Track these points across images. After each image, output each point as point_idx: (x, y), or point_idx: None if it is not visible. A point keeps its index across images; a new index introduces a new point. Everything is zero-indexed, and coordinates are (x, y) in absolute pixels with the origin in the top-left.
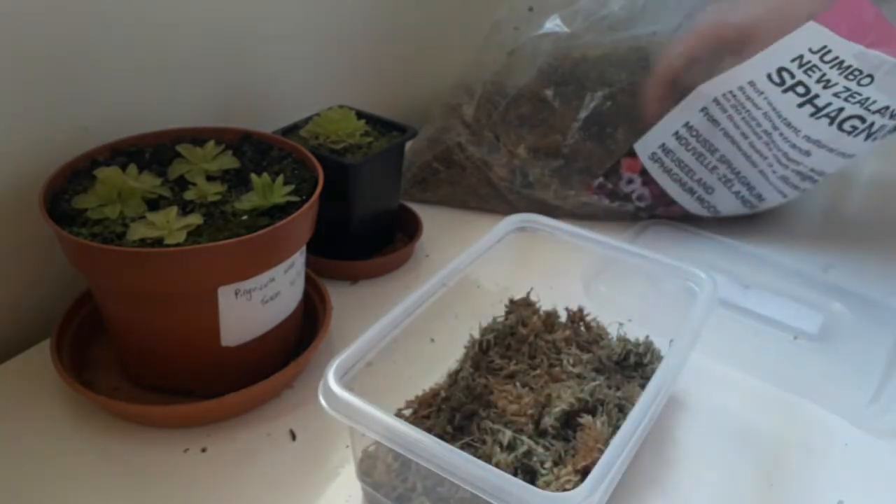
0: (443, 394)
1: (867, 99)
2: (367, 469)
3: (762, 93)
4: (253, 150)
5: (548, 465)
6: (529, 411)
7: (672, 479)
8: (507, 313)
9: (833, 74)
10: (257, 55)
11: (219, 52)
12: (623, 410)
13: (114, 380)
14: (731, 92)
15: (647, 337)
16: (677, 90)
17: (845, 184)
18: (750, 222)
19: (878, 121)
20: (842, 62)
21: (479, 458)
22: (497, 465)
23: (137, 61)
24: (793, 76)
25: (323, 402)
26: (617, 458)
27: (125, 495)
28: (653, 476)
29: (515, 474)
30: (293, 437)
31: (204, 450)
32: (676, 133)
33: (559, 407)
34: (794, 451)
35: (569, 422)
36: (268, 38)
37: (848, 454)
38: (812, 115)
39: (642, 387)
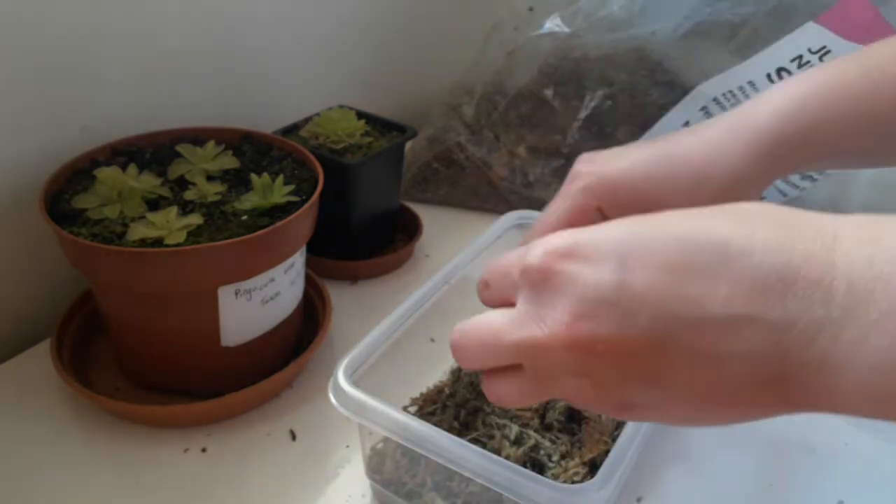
0: (447, 390)
1: None
2: (375, 466)
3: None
4: (253, 150)
5: (555, 458)
6: (534, 406)
7: (672, 478)
8: None
9: None
10: (257, 55)
11: (219, 52)
12: None
13: (114, 379)
14: (730, 91)
15: None
16: None
17: (845, 184)
18: None
19: None
20: None
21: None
22: (507, 459)
23: (137, 61)
24: (792, 76)
25: (333, 399)
26: (626, 452)
27: (125, 495)
28: (653, 475)
29: (524, 467)
30: (293, 437)
31: (204, 450)
32: None
33: (563, 401)
34: (794, 451)
35: (573, 416)
36: (268, 39)
37: (848, 454)
38: None
39: None
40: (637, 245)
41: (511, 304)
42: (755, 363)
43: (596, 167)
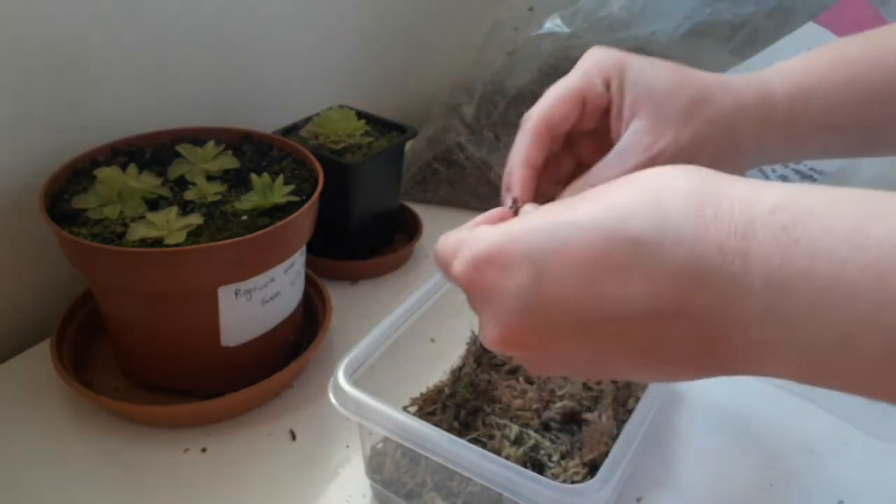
0: (447, 391)
1: None
2: (375, 466)
3: None
4: (253, 150)
5: (555, 458)
6: (534, 406)
7: (672, 478)
8: None
9: None
10: (257, 55)
11: (219, 52)
12: (625, 405)
13: (113, 379)
14: None
15: None
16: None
17: (845, 184)
18: None
19: None
20: None
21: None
22: (507, 459)
23: (137, 61)
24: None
25: (333, 399)
26: (626, 452)
27: (125, 495)
28: (653, 475)
29: (524, 467)
30: (293, 437)
31: (204, 450)
32: None
33: (563, 402)
34: (794, 451)
35: (573, 416)
36: (268, 38)
37: (848, 454)
38: None
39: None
40: (551, 248)
41: None
42: (688, 346)
43: (614, 53)
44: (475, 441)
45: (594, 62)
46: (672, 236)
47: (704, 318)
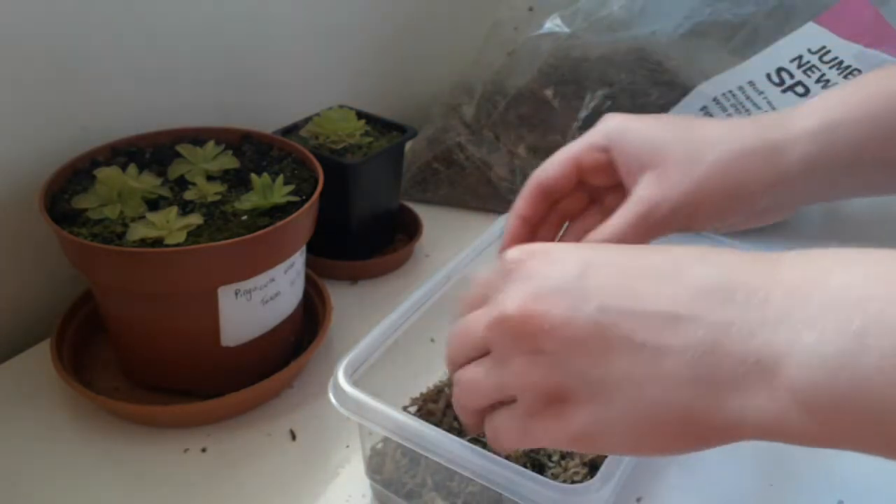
0: (447, 390)
1: None
2: (376, 466)
3: (762, 92)
4: (253, 150)
5: (555, 458)
6: None
7: (672, 478)
8: None
9: (832, 74)
10: (257, 55)
11: (219, 51)
12: None
13: (113, 379)
14: (730, 91)
15: None
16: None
17: None
18: None
19: None
20: (841, 62)
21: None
22: (507, 459)
23: (137, 61)
24: (792, 76)
25: (333, 399)
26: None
27: (125, 495)
28: (653, 476)
29: (524, 467)
30: (293, 437)
31: (204, 450)
32: None
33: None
34: (795, 451)
35: None
36: (268, 38)
37: (848, 454)
38: None
39: None
40: (601, 255)
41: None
42: (692, 360)
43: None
44: (475, 441)
45: (601, 127)
46: (711, 262)
47: (717, 326)
